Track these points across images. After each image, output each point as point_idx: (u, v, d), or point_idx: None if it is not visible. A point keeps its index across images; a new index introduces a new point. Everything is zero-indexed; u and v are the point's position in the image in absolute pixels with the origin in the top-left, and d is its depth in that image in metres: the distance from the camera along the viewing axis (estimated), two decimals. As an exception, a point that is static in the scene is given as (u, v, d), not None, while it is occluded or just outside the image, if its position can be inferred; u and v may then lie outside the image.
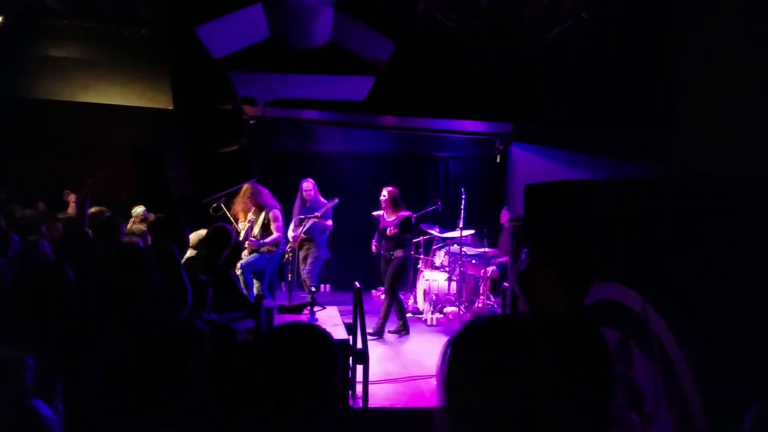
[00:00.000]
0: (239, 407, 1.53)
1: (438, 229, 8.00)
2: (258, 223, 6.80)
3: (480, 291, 7.63)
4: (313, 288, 5.26)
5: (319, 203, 7.35)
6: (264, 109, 5.87)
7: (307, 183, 7.47)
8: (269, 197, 6.95)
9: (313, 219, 7.12)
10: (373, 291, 8.69)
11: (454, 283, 7.58)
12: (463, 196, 7.73)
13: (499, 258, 7.68)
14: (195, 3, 4.14)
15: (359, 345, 4.75)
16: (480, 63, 5.87)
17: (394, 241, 6.92)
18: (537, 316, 2.18)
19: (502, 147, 8.78)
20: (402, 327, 6.97)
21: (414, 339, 6.87)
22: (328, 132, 8.83)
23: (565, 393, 1.17)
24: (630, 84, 5.07)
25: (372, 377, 4.83)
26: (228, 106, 4.73)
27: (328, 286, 9.19)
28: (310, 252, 7.43)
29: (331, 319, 4.98)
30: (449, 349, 1.22)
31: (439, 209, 7.99)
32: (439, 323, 7.50)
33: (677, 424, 2.86)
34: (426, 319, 7.63)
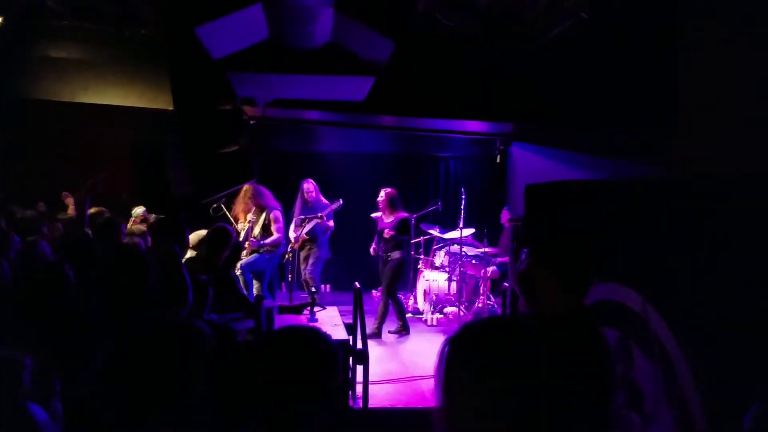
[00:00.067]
0: (239, 407, 1.53)
1: (438, 230, 8.00)
2: (258, 224, 6.80)
3: (480, 291, 7.63)
4: (314, 289, 5.26)
5: (321, 204, 7.34)
6: (264, 110, 5.87)
7: (308, 184, 7.45)
8: (271, 198, 6.95)
9: (316, 220, 7.12)
10: (374, 291, 8.68)
11: (454, 284, 7.58)
12: (463, 196, 7.73)
13: (499, 257, 7.69)
14: (195, 3, 4.14)
15: (359, 345, 4.75)
16: (480, 63, 5.87)
17: (391, 243, 6.90)
18: (537, 316, 2.18)
19: (502, 147, 8.79)
20: (402, 327, 6.97)
21: (414, 339, 6.87)
22: (327, 132, 8.83)
23: (565, 393, 1.16)
24: (630, 84, 5.07)
25: (372, 377, 4.83)
26: (228, 106, 4.73)
27: (328, 286, 9.19)
28: (311, 252, 7.42)
29: (331, 320, 4.98)
30: (447, 349, 1.20)
31: (439, 209, 7.99)
32: (440, 323, 7.50)
33: (677, 424, 2.86)
34: (426, 320, 7.63)
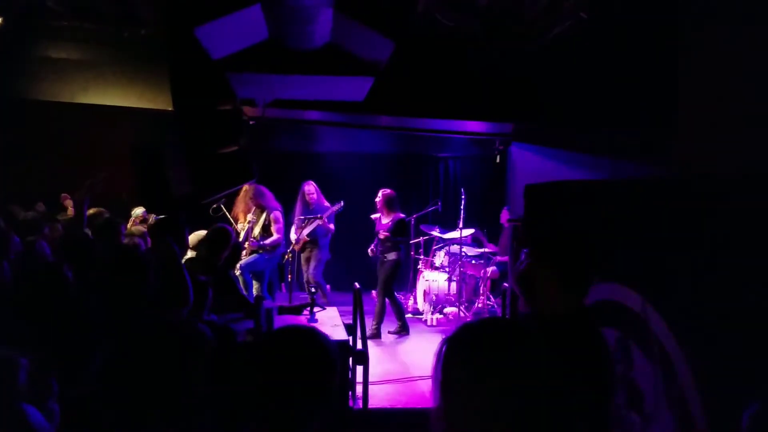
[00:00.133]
0: (239, 408, 1.53)
1: (438, 230, 7.99)
2: (259, 224, 6.80)
3: (480, 291, 7.62)
4: (313, 289, 5.26)
5: (323, 206, 7.33)
6: (263, 110, 5.87)
7: (309, 186, 7.43)
8: (271, 199, 6.95)
9: (317, 221, 7.11)
10: (373, 291, 8.62)
11: (454, 284, 7.57)
12: (463, 196, 7.73)
13: (499, 256, 7.68)
14: (194, 4, 4.13)
15: (359, 346, 4.75)
16: (480, 63, 5.87)
17: (388, 244, 6.89)
18: (537, 316, 2.18)
19: (502, 147, 8.78)
20: (401, 327, 6.96)
21: (414, 339, 6.87)
22: (327, 132, 8.82)
23: (565, 393, 1.16)
24: (630, 84, 5.07)
25: (372, 378, 4.83)
26: (227, 106, 4.72)
27: (328, 286, 9.17)
28: (313, 254, 7.40)
29: (331, 320, 4.97)
30: (444, 349, 1.19)
31: (439, 209, 7.99)
32: (439, 324, 7.49)
33: (677, 424, 2.86)
34: (426, 320, 7.63)
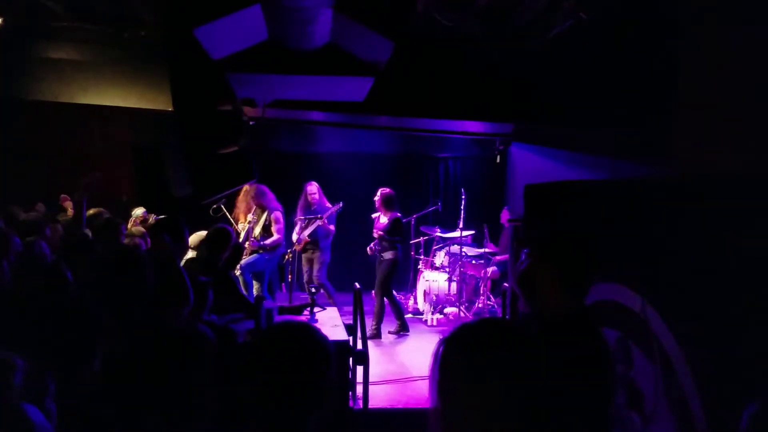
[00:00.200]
0: (239, 408, 1.53)
1: (438, 230, 7.99)
2: (259, 224, 6.80)
3: (480, 291, 7.62)
4: (313, 290, 5.25)
5: (324, 207, 7.32)
6: (263, 110, 5.87)
7: (312, 186, 7.42)
8: (272, 199, 6.95)
9: (317, 221, 7.11)
10: (373, 292, 8.66)
11: (454, 284, 7.57)
12: (463, 196, 7.73)
13: (499, 255, 7.68)
14: (194, 4, 4.13)
15: (359, 346, 4.75)
16: (480, 63, 5.86)
17: (385, 243, 6.89)
18: (537, 316, 2.18)
19: (502, 147, 8.77)
20: (401, 326, 6.96)
21: (414, 340, 6.87)
22: (327, 133, 8.82)
23: (565, 393, 1.16)
24: (630, 84, 5.07)
25: (372, 378, 4.83)
26: (227, 107, 4.72)
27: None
28: (315, 257, 7.38)
29: (331, 320, 4.97)
30: (442, 349, 1.18)
31: (439, 210, 7.98)
32: (440, 324, 7.49)
33: (677, 424, 2.85)
34: (426, 320, 7.63)
